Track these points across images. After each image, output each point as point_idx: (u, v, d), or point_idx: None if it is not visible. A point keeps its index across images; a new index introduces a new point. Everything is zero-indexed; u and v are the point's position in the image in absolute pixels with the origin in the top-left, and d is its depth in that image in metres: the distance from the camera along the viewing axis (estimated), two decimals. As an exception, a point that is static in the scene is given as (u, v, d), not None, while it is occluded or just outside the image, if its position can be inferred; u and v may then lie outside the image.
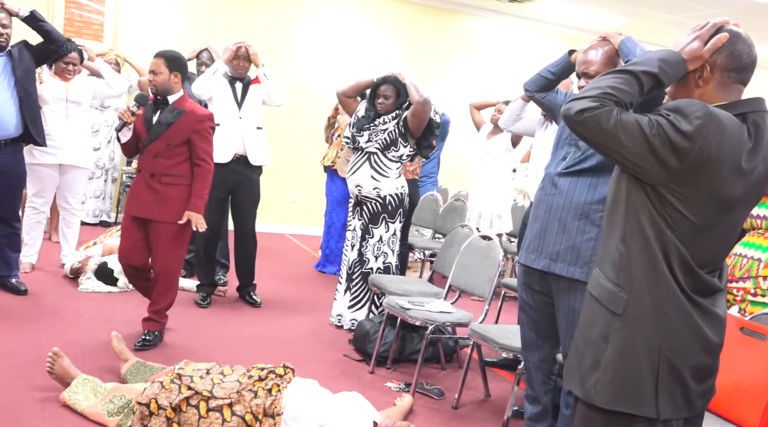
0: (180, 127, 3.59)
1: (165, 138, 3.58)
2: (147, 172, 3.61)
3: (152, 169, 3.61)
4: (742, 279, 2.74)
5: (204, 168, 3.67)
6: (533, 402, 2.85)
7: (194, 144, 3.62)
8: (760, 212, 2.76)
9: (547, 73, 2.87)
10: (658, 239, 1.63)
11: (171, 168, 3.61)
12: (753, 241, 2.77)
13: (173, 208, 3.60)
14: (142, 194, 3.61)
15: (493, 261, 3.67)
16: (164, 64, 3.61)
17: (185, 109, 3.63)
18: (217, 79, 4.58)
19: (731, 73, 1.67)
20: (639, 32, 2.83)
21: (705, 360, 1.70)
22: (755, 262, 2.71)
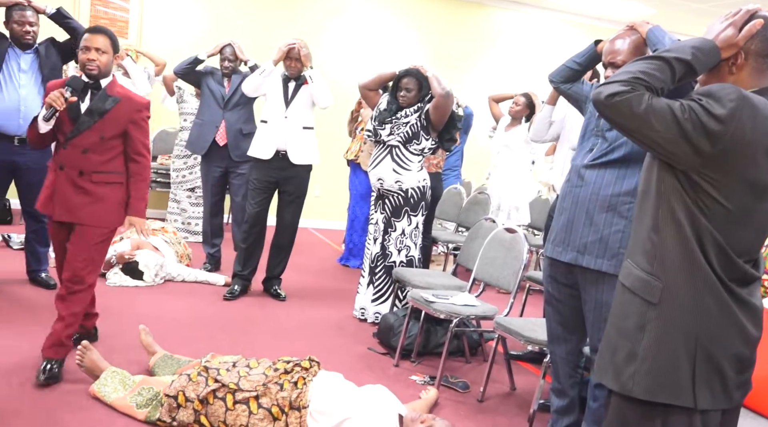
0: (116, 117, 3.09)
1: (98, 130, 3.06)
2: (74, 170, 3.06)
3: (81, 166, 3.06)
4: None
5: (143, 164, 3.21)
6: (560, 395, 2.83)
7: (131, 136, 3.14)
8: None
9: (572, 63, 2.84)
10: (692, 226, 1.61)
11: (103, 164, 3.10)
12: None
13: (107, 210, 3.12)
14: (69, 196, 3.07)
15: (517, 254, 3.64)
16: (110, 44, 3.11)
17: (120, 96, 3.11)
18: (266, 78, 4.65)
19: (765, 59, 1.65)
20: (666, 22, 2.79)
21: (743, 351, 1.67)
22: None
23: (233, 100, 5.24)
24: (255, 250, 4.80)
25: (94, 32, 3.11)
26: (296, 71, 4.67)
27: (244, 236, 4.78)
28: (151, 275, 4.80)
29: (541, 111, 4.43)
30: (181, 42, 7.27)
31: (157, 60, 6.62)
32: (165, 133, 7.39)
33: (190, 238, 6.31)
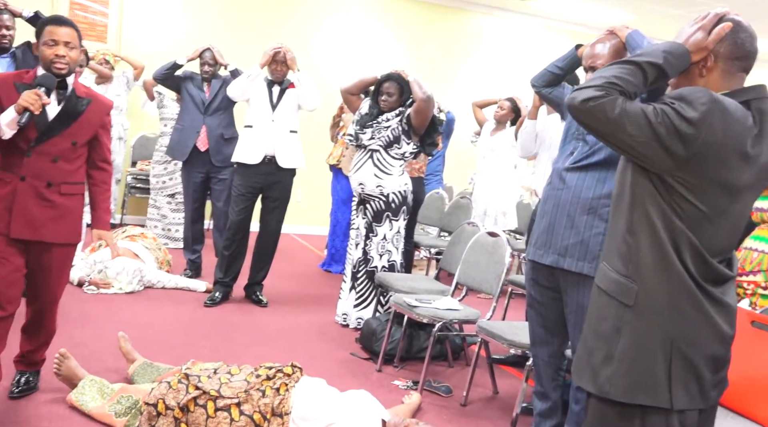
0: (88, 121, 2.79)
1: (69, 135, 2.73)
2: (40, 181, 2.69)
3: (49, 177, 2.70)
4: (753, 273, 2.72)
5: (108, 172, 2.96)
6: (542, 398, 2.83)
7: (100, 141, 2.87)
8: None
9: (554, 68, 2.85)
10: (667, 228, 1.62)
11: (72, 174, 2.79)
12: (763, 234, 2.75)
13: (73, 225, 2.82)
14: (32, 210, 2.69)
15: (500, 258, 3.65)
16: (77, 37, 2.74)
17: (89, 97, 2.81)
18: (253, 82, 4.64)
19: (735, 61, 1.67)
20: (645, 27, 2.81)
21: (718, 350, 1.68)
22: (765, 255, 2.70)
23: (214, 105, 5.21)
24: (238, 257, 4.77)
25: (59, 24, 2.70)
26: (281, 75, 4.66)
27: (227, 243, 4.75)
28: (127, 280, 4.74)
29: (523, 127, 4.50)
30: (160, 47, 7.22)
31: (135, 64, 6.57)
32: (145, 138, 7.33)
33: (170, 244, 6.25)
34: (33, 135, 2.68)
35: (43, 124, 2.67)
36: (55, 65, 2.67)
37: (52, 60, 2.67)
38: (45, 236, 2.74)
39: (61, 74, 2.70)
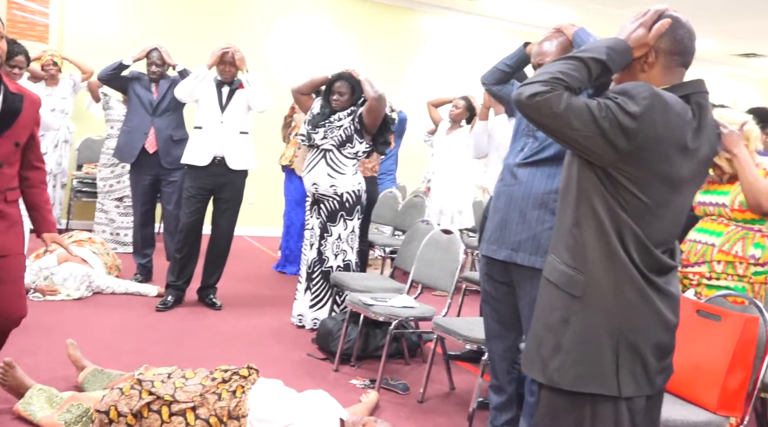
0: (26, 118, 2.58)
1: (11, 136, 2.52)
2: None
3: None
4: (698, 264, 2.81)
5: (44, 171, 2.79)
6: (498, 392, 2.87)
7: (36, 140, 2.69)
8: (712, 199, 2.83)
9: (503, 65, 2.89)
10: (612, 220, 1.65)
11: (13, 179, 2.60)
12: (706, 227, 2.84)
13: (21, 233, 2.67)
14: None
15: (454, 255, 3.68)
16: (2, 26, 2.53)
17: (21, 92, 2.60)
18: (200, 83, 4.57)
19: (674, 56, 1.71)
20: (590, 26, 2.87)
21: (663, 337, 1.73)
22: (709, 247, 2.78)
23: (162, 106, 5.11)
24: (190, 260, 4.70)
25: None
26: (230, 76, 4.61)
27: (178, 246, 4.68)
28: (74, 287, 4.62)
29: (474, 128, 4.56)
30: (105, 47, 7.04)
31: (84, 68, 6.41)
32: (90, 141, 7.15)
33: (119, 249, 6.11)
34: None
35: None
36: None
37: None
38: (4, 249, 2.58)
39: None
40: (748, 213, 2.72)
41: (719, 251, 2.76)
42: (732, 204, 2.76)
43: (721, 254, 2.75)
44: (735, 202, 2.75)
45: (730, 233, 2.76)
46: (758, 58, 10.17)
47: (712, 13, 7.51)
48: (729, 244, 2.75)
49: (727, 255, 2.74)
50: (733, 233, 2.76)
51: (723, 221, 2.81)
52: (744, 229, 2.75)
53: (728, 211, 2.77)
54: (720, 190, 2.83)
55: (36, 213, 2.74)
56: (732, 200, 2.77)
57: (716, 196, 2.83)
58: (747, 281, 2.72)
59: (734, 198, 2.76)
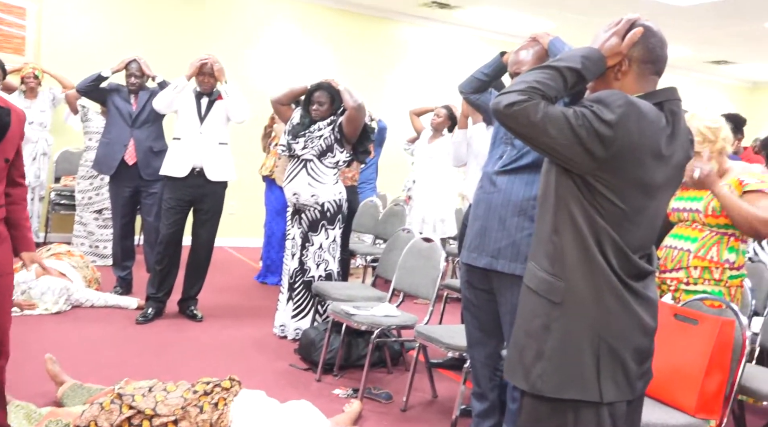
0: (13, 133, 2.49)
1: (1, 152, 2.46)
2: None
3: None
4: (675, 270, 2.84)
5: (25, 188, 2.70)
6: (480, 399, 2.88)
7: (20, 156, 2.61)
8: (686, 205, 2.87)
9: (480, 74, 2.91)
10: (590, 226, 1.67)
11: (2, 196, 2.53)
12: (681, 232, 2.88)
13: (10, 250, 2.58)
14: None
15: (435, 263, 3.70)
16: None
17: (7, 106, 2.51)
18: (179, 94, 4.57)
19: (647, 65, 1.74)
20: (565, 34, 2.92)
21: (643, 342, 1.75)
22: (685, 253, 2.82)
23: (142, 118, 5.09)
24: (170, 271, 4.67)
25: None
26: (209, 87, 4.61)
27: (158, 257, 4.65)
28: (53, 300, 4.57)
29: (455, 137, 4.59)
30: (83, 58, 6.99)
31: (65, 82, 6.36)
32: (69, 153, 7.08)
33: (98, 261, 6.05)
34: None
35: None
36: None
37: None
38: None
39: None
40: (722, 218, 2.76)
41: (695, 257, 2.79)
42: (705, 210, 2.80)
43: (697, 260, 2.79)
44: (708, 208, 2.79)
45: (705, 239, 2.80)
46: (729, 65, 10.35)
47: (685, 21, 7.65)
48: (704, 249, 2.78)
49: (703, 260, 2.78)
50: (707, 238, 2.80)
51: (697, 227, 2.84)
52: (718, 234, 2.79)
53: (702, 216, 2.81)
54: (693, 196, 2.86)
55: (16, 231, 2.62)
56: (705, 206, 2.80)
57: (689, 202, 2.86)
58: (723, 285, 2.76)
59: (707, 204, 2.79)
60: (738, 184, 2.76)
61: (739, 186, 2.75)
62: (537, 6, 7.82)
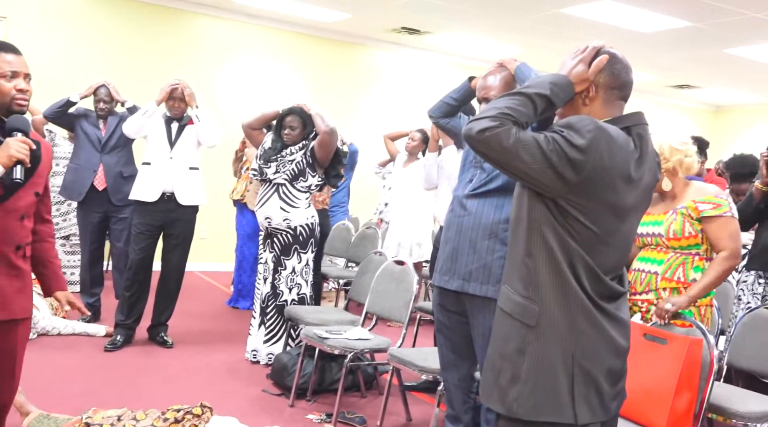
0: (45, 167, 2.36)
1: (33, 185, 2.31)
2: (10, 246, 2.28)
3: (18, 239, 2.30)
4: (645, 292, 2.86)
5: (53, 225, 2.57)
6: (454, 421, 2.88)
7: (48, 191, 2.47)
8: (648, 230, 2.90)
9: (449, 99, 2.96)
10: (563, 249, 1.70)
11: (31, 233, 2.39)
12: (648, 255, 2.91)
13: (30, 294, 2.42)
14: (2, 284, 2.29)
15: (408, 285, 3.71)
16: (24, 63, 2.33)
17: (38, 139, 2.37)
18: (148, 119, 4.55)
19: (614, 90, 1.79)
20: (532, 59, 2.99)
21: (616, 363, 1.77)
22: (653, 275, 2.85)
23: (111, 143, 5.05)
24: (140, 297, 4.61)
25: (13, 51, 2.29)
26: (180, 112, 4.60)
27: (127, 283, 4.59)
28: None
29: (427, 161, 4.63)
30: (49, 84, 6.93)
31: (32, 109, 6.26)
32: (35, 178, 6.97)
33: (66, 288, 5.94)
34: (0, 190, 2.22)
35: (8, 176, 2.20)
36: (17, 102, 2.26)
37: (13, 97, 2.25)
38: (16, 313, 2.31)
39: (22, 112, 2.29)
40: (683, 240, 2.81)
41: (662, 279, 2.82)
42: (667, 233, 2.83)
43: (665, 281, 2.82)
44: (669, 231, 2.83)
45: (670, 260, 2.84)
46: (692, 89, 10.62)
47: (648, 47, 7.85)
48: (671, 271, 2.82)
49: (671, 282, 2.81)
50: (672, 259, 2.84)
51: (662, 249, 2.88)
52: (683, 255, 2.83)
53: (665, 240, 2.84)
54: (653, 220, 2.89)
55: (45, 270, 2.50)
56: (666, 229, 2.84)
57: (651, 227, 2.89)
58: (693, 305, 2.78)
59: (668, 227, 2.83)
60: (695, 210, 2.81)
61: (696, 211, 2.80)
62: (504, 32, 7.97)
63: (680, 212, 2.82)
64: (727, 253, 2.77)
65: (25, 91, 2.26)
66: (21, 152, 2.16)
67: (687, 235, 2.80)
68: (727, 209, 2.79)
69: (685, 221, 2.81)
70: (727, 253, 2.77)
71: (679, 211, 2.83)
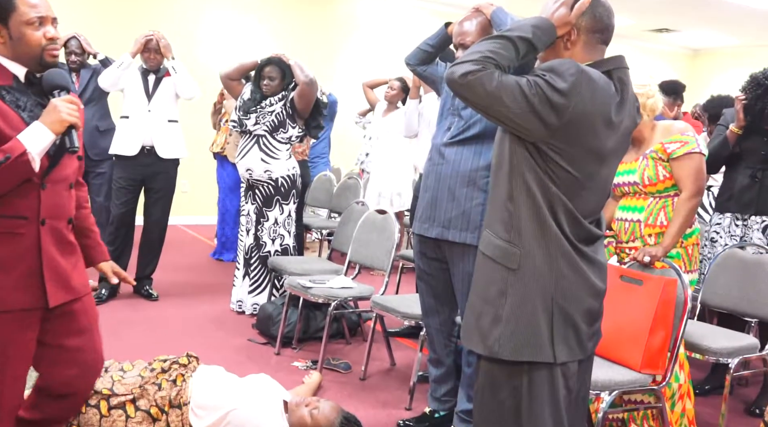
0: (82, 126, 2.05)
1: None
2: (61, 219, 2.03)
3: (68, 211, 2.06)
4: (630, 241, 2.87)
5: (86, 188, 2.35)
6: (437, 365, 2.95)
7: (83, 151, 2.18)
8: (624, 179, 2.87)
9: (426, 46, 2.92)
10: (543, 193, 1.72)
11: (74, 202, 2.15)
12: (628, 203, 2.89)
13: (83, 266, 2.21)
14: (59, 262, 2.02)
15: (389, 234, 3.74)
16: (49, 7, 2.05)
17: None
18: (124, 71, 4.46)
19: (595, 34, 1.78)
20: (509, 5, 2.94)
21: (593, 304, 1.82)
22: (636, 224, 2.84)
23: (85, 96, 4.96)
24: (123, 252, 4.62)
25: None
26: (156, 64, 4.51)
27: (110, 238, 4.58)
28: None
29: (407, 107, 4.59)
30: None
31: None
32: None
33: (48, 244, 5.92)
34: (47, 159, 1.95)
35: (63, 145, 1.95)
36: (49, 53, 1.96)
37: (44, 47, 1.94)
38: (78, 290, 2.11)
39: (55, 64, 2.01)
40: (659, 184, 2.80)
41: (646, 225, 2.81)
42: (642, 180, 2.82)
43: (648, 228, 2.81)
44: (644, 178, 2.81)
45: (650, 206, 2.83)
46: (670, 32, 10.56)
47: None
48: (652, 217, 2.81)
49: (654, 228, 2.81)
50: (652, 205, 2.83)
51: (641, 196, 2.87)
52: (661, 199, 2.82)
53: (641, 187, 2.83)
54: (627, 169, 2.87)
55: (87, 240, 2.25)
56: (641, 177, 2.82)
57: (626, 175, 2.87)
58: (680, 246, 2.80)
59: (642, 174, 2.82)
60: (663, 151, 2.77)
61: (665, 153, 2.76)
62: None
63: (650, 157, 2.79)
64: (689, 193, 2.73)
65: (55, 39, 1.97)
66: (72, 115, 1.90)
67: (662, 178, 2.79)
68: (694, 146, 2.74)
69: (657, 165, 2.78)
70: (689, 193, 2.73)
71: (649, 155, 2.80)
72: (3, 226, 1.92)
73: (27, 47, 1.93)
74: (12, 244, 1.93)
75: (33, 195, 1.94)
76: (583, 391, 1.96)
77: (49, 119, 1.89)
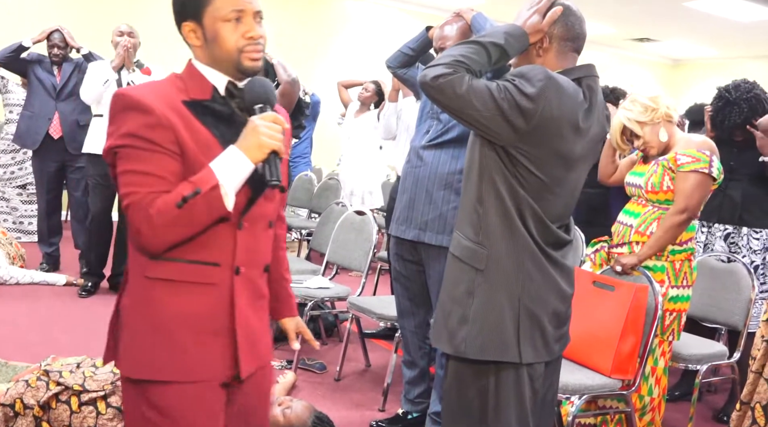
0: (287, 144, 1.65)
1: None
2: (257, 267, 1.62)
3: (265, 256, 1.66)
4: (620, 245, 2.87)
5: (285, 224, 1.90)
6: (411, 366, 2.96)
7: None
8: (634, 180, 2.86)
9: (407, 49, 2.94)
10: (512, 197, 1.75)
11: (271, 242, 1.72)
12: (630, 208, 2.88)
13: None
14: (251, 322, 1.60)
15: (367, 235, 3.75)
16: None
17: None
18: (107, 88, 4.37)
19: (567, 42, 1.81)
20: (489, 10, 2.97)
21: (560, 307, 1.85)
22: (628, 228, 2.82)
23: (67, 90, 4.92)
24: (102, 249, 4.59)
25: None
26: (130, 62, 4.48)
27: (89, 235, 4.56)
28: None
29: (386, 110, 4.62)
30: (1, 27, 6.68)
31: None
32: (-12, 126, 6.78)
33: (23, 238, 5.87)
34: (245, 194, 1.52)
35: (262, 176, 1.49)
36: (248, 56, 1.52)
37: (242, 48, 1.51)
38: (266, 355, 1.69)
39: (256, 71, 1.57)
40: (661, 193, 2.75)
41: (635, 232, 2.79)
42: (646, 185, 2.78)
43: (637, 235, 2.78)
44: (648, 183, 2.77)
45: (646, 214, 2.79)
46: (651, 42, 10.68)
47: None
48: (645, 225, 2.78)
49: (643, 236, 2.77)
50: (648, 213, 2.79)
51: (642, 202, 2.84)
52: (659, 209, 2.77)
53: (644, 192, 2.80)
54: (639, 171, 2.86)
55: (278, 289, 1.84)
56: (646, 182, 2.79)
57: (636, 177, 2.86)
58: (665, 260, 2.75)
59: (647, 179, 2.78)
60: (674, 161, 2.72)
61: (675, 163, 2.71)
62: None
63: (662, 164, 2.74)
64: (677, 208, 2.68)
65: (257, 39, 1.53)
66: (275, 139, 1.46)
67: (665, 188, 2.73)
68: (705, 165, 2.67)
69: (665, 174, 2.73)
70: (677, 208, 2.68)
71: (661, 162, 2.74)
72: (192, 274, 1.50)
73: (220, 50, 1.52)
74: (202, 297, 1.52)
75: (227, 237, 1.52)
76: (550, 394, 1.98)
77: (246, 144, 1.45)
